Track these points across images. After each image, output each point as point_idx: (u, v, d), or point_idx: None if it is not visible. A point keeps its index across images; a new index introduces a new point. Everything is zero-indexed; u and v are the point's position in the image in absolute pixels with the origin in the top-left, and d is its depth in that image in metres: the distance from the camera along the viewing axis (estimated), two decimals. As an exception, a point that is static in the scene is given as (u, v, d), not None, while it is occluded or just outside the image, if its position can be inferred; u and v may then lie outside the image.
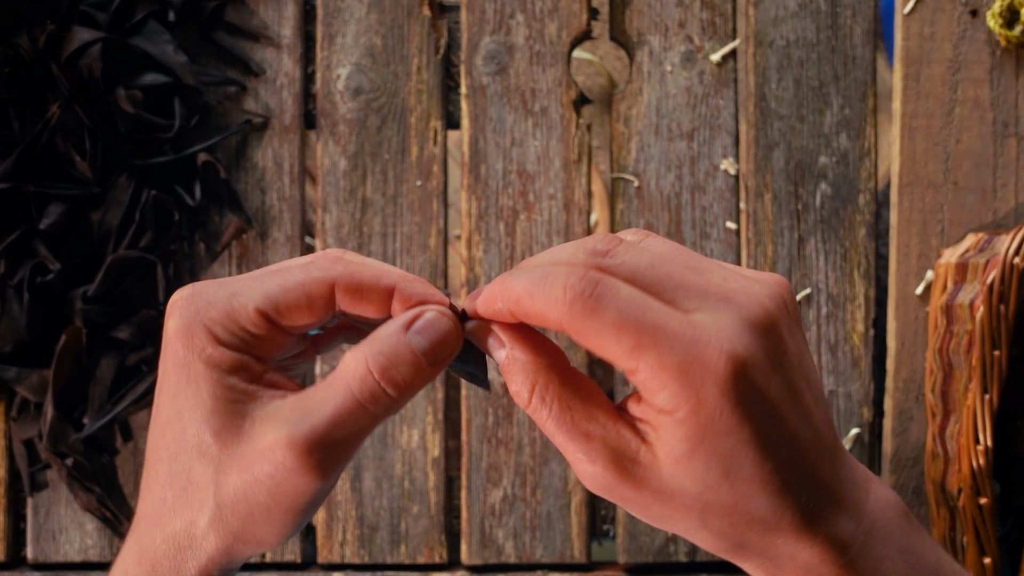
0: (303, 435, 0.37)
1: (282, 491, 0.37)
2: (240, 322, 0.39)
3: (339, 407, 0.37)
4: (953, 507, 0.78)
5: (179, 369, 0.38)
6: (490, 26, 0.86)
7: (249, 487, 0.37)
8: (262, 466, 0.37)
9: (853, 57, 0.85)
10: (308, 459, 0.37)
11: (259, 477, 0.37)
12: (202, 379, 0.38)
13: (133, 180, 0.82)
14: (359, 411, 0.37)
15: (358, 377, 0.38)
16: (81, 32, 0.79)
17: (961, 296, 0.78)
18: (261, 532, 0.38)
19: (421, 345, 0.38)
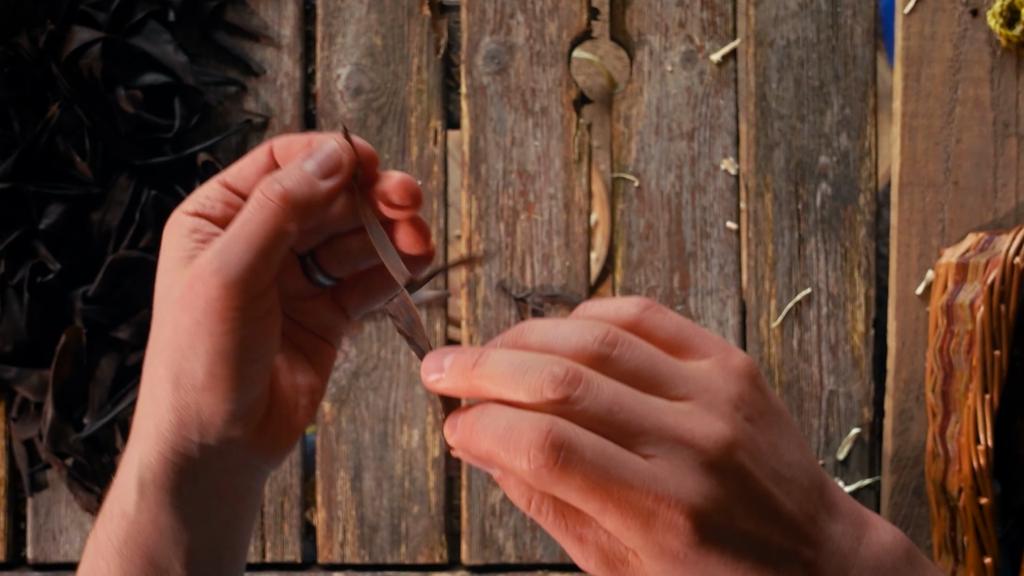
0: (208, 253, 0.40)
1: (198, 308, 0.40)
2: (204, 192, 0.44)
3: (239, 221, 0.41)
4: (954, 507, 0.78)
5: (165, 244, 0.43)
6: (490, 26, 0.86)
7: (177, 315, 0.40)
8: (186, 291, 0.40)
9: (853, 57, 0.85)
10: (210, 266, 0.40)
11: (184, 303, 0.40)
12: (169, 244, 0.42)
13: (133, 180, 0.82)
14: (252, 221, 0.40)
15: (253, 194, 0.41)
16: (81, 32, 0.79)
17: (962, 296, 0.78)
18: (191, 366, 0.40)
19: (310, 164, 0.42)
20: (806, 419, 0.86)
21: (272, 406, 0.44)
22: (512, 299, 0.86)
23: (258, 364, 0.41)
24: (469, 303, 0.86)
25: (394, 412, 0.86)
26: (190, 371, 0.40)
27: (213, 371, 0.40)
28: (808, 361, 0.86)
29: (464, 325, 0.87)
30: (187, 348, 0.40)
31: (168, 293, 0.41)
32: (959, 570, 0.78)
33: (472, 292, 0.86)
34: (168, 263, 0.42)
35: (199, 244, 0.41)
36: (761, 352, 0.86)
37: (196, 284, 0.40)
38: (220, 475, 0.44)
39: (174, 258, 0.41)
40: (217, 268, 0.40)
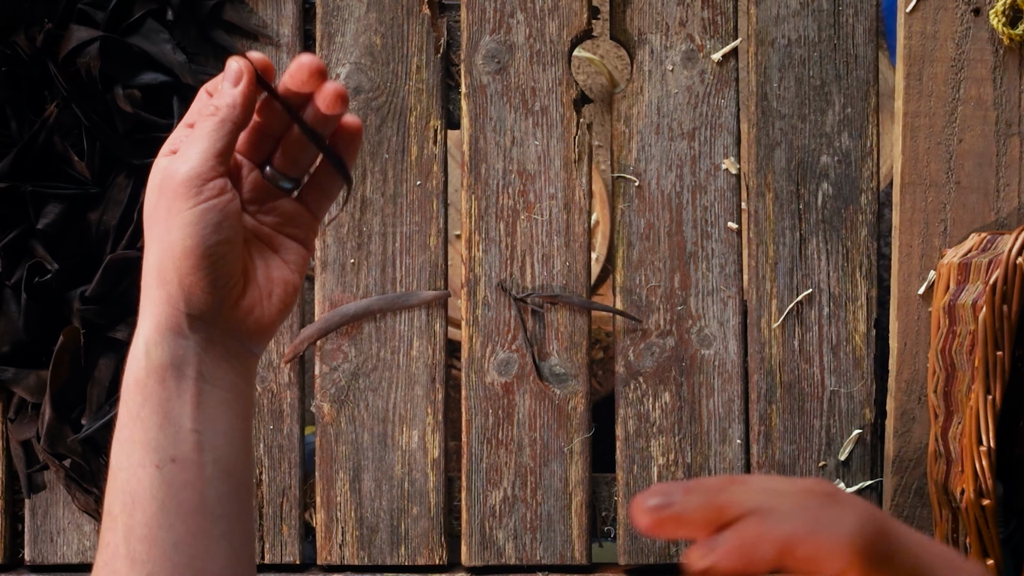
0: (174, 159, 0.50)
1: (166, 197, 0.50)
2: (173, 136, 0.53)
3: (190, 136, 0.51)
4: (956, 508, 0.78)
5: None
6: (490, 25, 0.86)
7: (156, 211, 0.50)
8: (157, 194, 0.50)
9: (855, 56, 0.85)
10: (173, 165, 0.50)
11: (158, 201, 0.50)
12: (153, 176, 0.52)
13: (131, 179, 0.82)
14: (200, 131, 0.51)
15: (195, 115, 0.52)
16: (79, 31, 0.79)
17: (964, 296, 0.77)
18: (172, 241, 0.49)
19: (224, 83, 0.53)
20: (807, 420, 0.86)
21: (247, 288, 0.52)
22: (512, 299, 0.86)
23: (223, 237, 0.50)
24: (469, 303, 0.86)
25: (393, 413, 0.86)
26: (168, 247, 0.49)
27: (186, 243, 0.49)
28: (809, 362, 0.86)
29: (464, 325, 0.86)
30: (164, 231, 0.49)
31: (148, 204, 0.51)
32: (961, 572, 0.78)
33: (472, 292, 0.86)
34: (150, 191, 0.51)
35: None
36: (762, 352, 0.86)
37: (166, 181, 0.50)
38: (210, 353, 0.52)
39: (155, 185, 0.50)
40: (178, 166, 0.50)
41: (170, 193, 0.49)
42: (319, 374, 0.87)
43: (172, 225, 0.49)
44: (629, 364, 0.86)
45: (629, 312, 0.86)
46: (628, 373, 0.86)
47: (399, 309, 0.86)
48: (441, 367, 0.86)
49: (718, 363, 0.86)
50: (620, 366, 0.86)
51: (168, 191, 0.49)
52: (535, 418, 0.86)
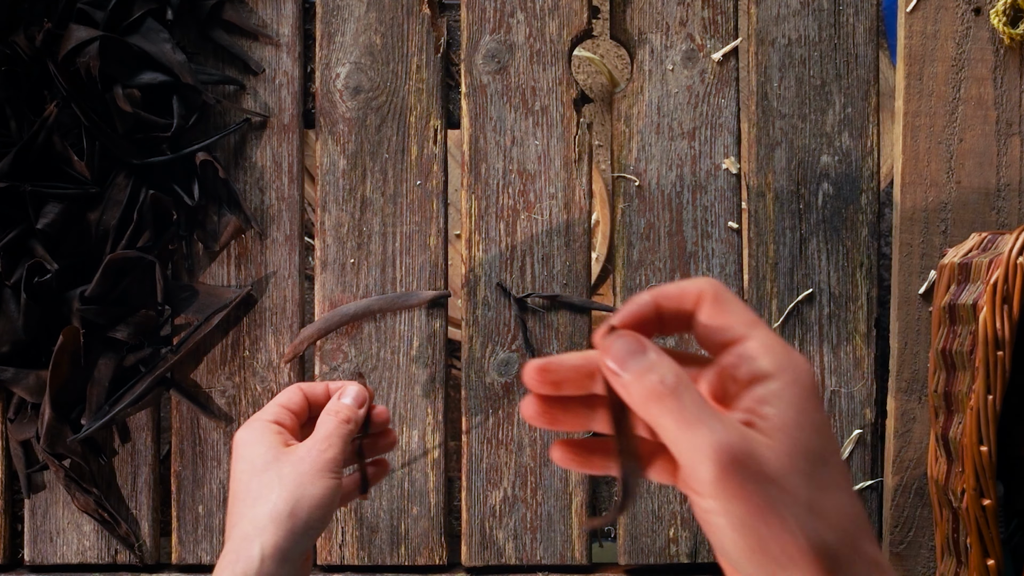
0: (317, 444, 0.66)
1: (314, 470, 0.64)
2: (274, 410, 0.68)
3: (327, 431, 0.66)
4: (956, 508, 0.77)
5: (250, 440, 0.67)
6: (490, 24, 0.86)
7: (299, 477, 0.64)
8: (302, 467, 0.65)
9: (855, 55, 0.85)
10: (320, 447, 0.66)
11: (300, 472, 0.64)
12: (262, 438, 0.66)
13: (131, 179, 0.82)
14: (337, 431, 0.67)
15: (328, 418, 0.67)
16: (79, 30, 0.79)
17: (964, 296, 0.77)
18: (312, 491, 0.64)
19: (347, 398, 0.68)
20: (808, 420, 0.86)
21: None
22: (512, 299, 0.86)
23: (333, 510, 0.65)
24: (469, 303, 0.86)
25: (393, 413, 0.86)
26: (306, 495, 0.64)
27: (321, 492, 0.64)
28: (809, 361, 0.86)
29: (464, 325, 0.86)
30: (307, 481, 0.64)
31: (273, 468, 0.64)
32: (962, 572, 0.78)
33: (472, 292, 0.86)
34: (269, 444, 0.65)
35: (286, 441, 0.66)
36: (762, 352, 0.85)
37: (314, 452, 0.65)
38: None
39: (272, 444, 0.65)
40: (325, 449, 0.65)
41: (316, 468, 0.64)
42: (319, 374, 0.87)
43: (308, 494, 0.64)
44: (629, 364, 0.86)
45: (629, 312, 0.86)
46: (628, 373, 0.86)
47: (399, 309, 0.86)
48: (441, 367, 0.86)
49: (718, 363, 0.86)
50: (620, 366, 0.86)
51: (314, 464, 0.64)
52: (535, 418, 0.86)
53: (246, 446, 0.66)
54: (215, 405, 0.86)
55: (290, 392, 0.69)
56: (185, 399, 0.85)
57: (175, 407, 0.86)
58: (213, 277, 0.86)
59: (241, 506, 0.65)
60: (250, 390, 0.86)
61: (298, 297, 0.87)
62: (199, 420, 0.86)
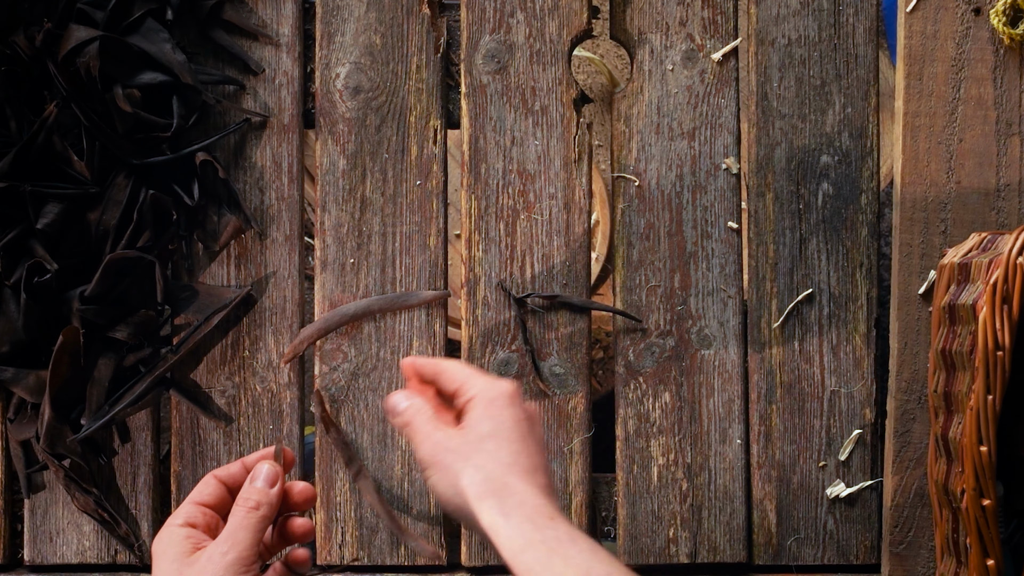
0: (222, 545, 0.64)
1: (214, 566, 0.63)
2: (184, 510, 0.67)
3: (237, 525, 0.65)
4: (956, 508, 0.77)
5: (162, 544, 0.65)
6: (490, 24, 0.86)
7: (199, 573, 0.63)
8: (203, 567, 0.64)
9: (855, 56, 0.85)
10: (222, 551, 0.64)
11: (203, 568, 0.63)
12: (169, 546, 0.64)
13: (131, 179, 0.82)
14: (247, 523, 0.65)
15: (238, 509, 0.65)
16: (78, 30, 0.79)
17: (964, 296, 0.77)
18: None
19: (260, 482, 0.66)
20: (808, 420, 0.86)
21: None
22: (512, 299, 0.86)
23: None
24: (469, 303, 0.86)
25: (393, 413, 0.86)
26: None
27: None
28: (810, 362, 0.86)
29: (464, 325, 0.86)
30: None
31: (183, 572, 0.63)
32: (962, 572, 0.78)
33: (472, 292, 0.86)
34: (173, 557, 0.63)
35: (195, 546, 0.64)
36: (762, 353, 0.85)
37: (215, 562, 0.63)
38: None
39: (177, 555, 0.63)
40: (227, 551, 0.63)
41: (223, 567, 0.63)
42: (319, 374, 0.87)
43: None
44: (629, 364, 0.86)
45: (629, 312, 0.86)
46: (628, 373, 0.86)
47: (399, 309, 0.86)
48: (441, 367, 0.86)
49: (718, 363, 0.86)
50: (620, 366, 0.86)
51: (219, 567, 0.63)
52: (535, 418, 0.86)
53: (157, 558, 0.64)
54: (215, 405, 0.86)
55: (203, 485, 0.67)
56: (185, 399, 0.85)
57: (175, 407, 0.86)
58: (213, 277, 0.86)
59: None
60: (250, 390, 0.86)
61: (298, 297, 0.87)
62: (199, 420, 0.86)
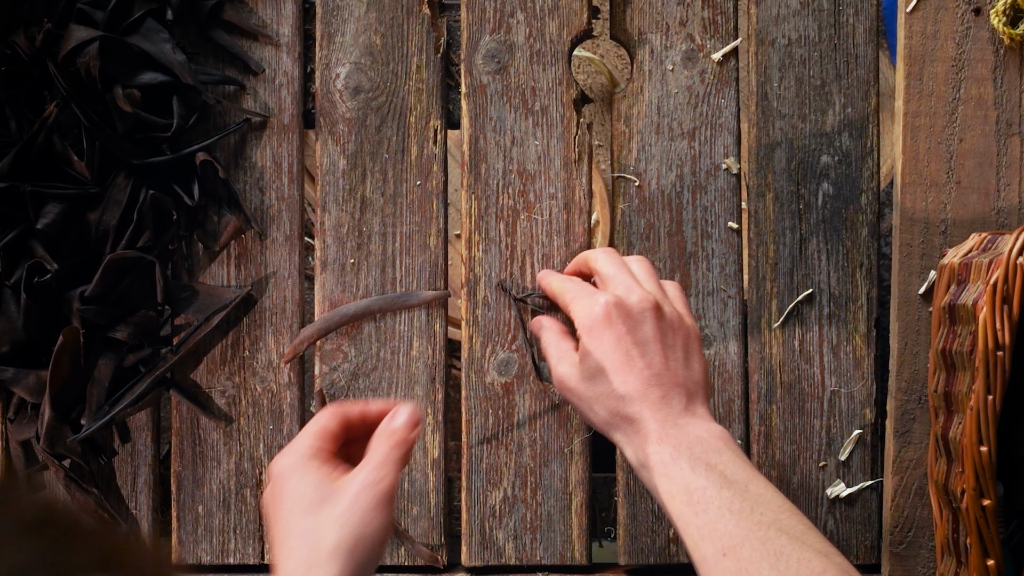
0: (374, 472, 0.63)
1: (375, 501, 0.61)
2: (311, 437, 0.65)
3: (383, 457, 0.64)
4: (956, 508, 0.77)
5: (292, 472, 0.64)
6: (490, 24, 0.86)
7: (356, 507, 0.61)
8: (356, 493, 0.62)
9: (855, 56, 0.85)
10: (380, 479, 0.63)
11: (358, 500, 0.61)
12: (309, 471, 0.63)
13: (131, 179, 0.82)
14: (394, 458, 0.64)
15: (384, 442, 0.64)
16: (78, 30, 0.79)
17: (964, 296, 0.77)
18: (371, 529, 0.60)
19: (402, 419, 0.65)
20: (808, 420, 0.86)
21: None
22: (512, 299, 0.86)
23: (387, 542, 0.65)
24: (469, 303, 0.86)
25: (393, 413, 0.86)
26: (367, 533, 0.61)
27: (383, 526, 0.61)
28: (810, 362, 0.86)
29: (464, 325, 0.86)
30: (367, 517, 0.61)
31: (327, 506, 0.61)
32: (962, 572, 0.78)
33: (472, 292, 0.86)
34: (313, 484, 0.62)
35: (330, 474, 0.62)
36: (763, 353, 0.85)
37: (370, 481, 0.62)
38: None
39: (319, 481, 0.62)
40: (381, 479, 0.62)
41: (378, 498, 0.61)
42: (319, 374, 0.87)
43: (375, 521, 0.61)
44: (629, 364, 0.86)
45: (629, 312, 0.86)
46: (628, 373, 0.86)
47: (399, 309, 0.86)
48: (441, 367, 0.86)
49: (718, 363, 0.86)
50: (620, 366, 0.86)
51: (376, 495, 0.61)
52: (535, 418, 0.86)
53: (289, 482, 0.61)
54: (215, 405, 0.86)
55: (325, 417, 0.65)
56: (185, 399, 0.85)
57: (175, 407, 0.86)
58: (213, 277, 0.86)
59: (292, 548, 0.59)
60: (250, 390, 0.86)
61: (298, 297, 0.87)
62: (199, 420, 0.86)
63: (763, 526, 0.62)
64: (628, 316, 0.68)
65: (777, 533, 0.61)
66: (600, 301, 0.69)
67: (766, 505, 0.63)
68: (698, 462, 0.65)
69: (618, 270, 0.73)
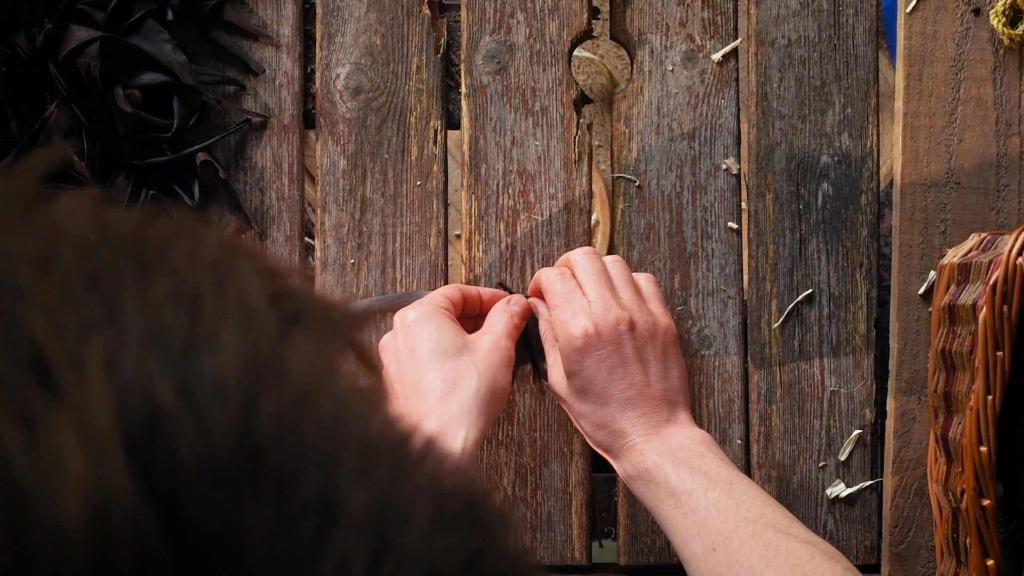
0: (499, 334, 0.73)
1: (501, 355, 0.71)
2: (444, 298, 0.75)
3: (506, 322, 0.74)
4: (956, 509, 0.77)
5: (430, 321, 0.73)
6: (490, 25, 0.86)
7: (491, 359, 0.70)
8: (490, 349, 0.71)
9: (855, 56, 0.85)
10: (505, 337, 0.73)
11: (490, 355, 0.70)
12: (442, 321, 0.71)
13: (132, 180, 0.82)
14: (514, 321, 0.75)
15: (503, 313, 0.76)
16: (79, 31, 0.79)
17: (964, 296, 0.77)
18: (503, 382, 0.71)
19: (515, 307, 0.76)
20: (807, 420, 0.86)
21: None
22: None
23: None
24: (469, 303, 0.86)
25: (394, 413, 0.86)
26: (498, 386, 0.70)
27: (507, 386, 0.72)
28: (809, 362, 0.86)
29: (464, 326, 0.86)
30: (499, 373, 0.70)
31: (466, 354, 0.69)
32: (961, 572, 0.78)
33: (472, 292, 0.86)
34: (452, 332, 0.70)
35: (460, 325, 0.72)
36: (762, 353, 0.86)
37: (499, 344, 0.72)
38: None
39: (457, 331, 0.71)
40: (507, 344, 0.72)
41: (503, 354, 0.71)
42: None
43: (502, 372, 0.70)
44: (629, 364, 0.86)
45: (629, 312, 0.86)
46: (628, 373, 0.86)
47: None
48: (441, 367, 0.86)
49: (718, 363, 0.86)
50: (620, 366, 0.86)
51: (501, 351, 0.71)
52: (535, 418, 0.86)
53: (426, 326, 0.66)
54: (215, 405, 0.86)
55: (451, 289, 0.73)
56: (185, 399, 0.85)
57: (175, 407, 0.86)
58: (213, 277, 0.86)
59: (431, 384, 0.64)
60: (250, 390, 0.86)
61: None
62: (199, 420, 0.86)
63: (750, 521, 0.64)
64: (606, 342, 0.72)
65: (764, 527, 0.64)
66: (579, 327, 0.71)
67: (751, 501, 0.66)
68: (682, 466, 0.68)
69: (596, 280, 0.75)
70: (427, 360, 0.65)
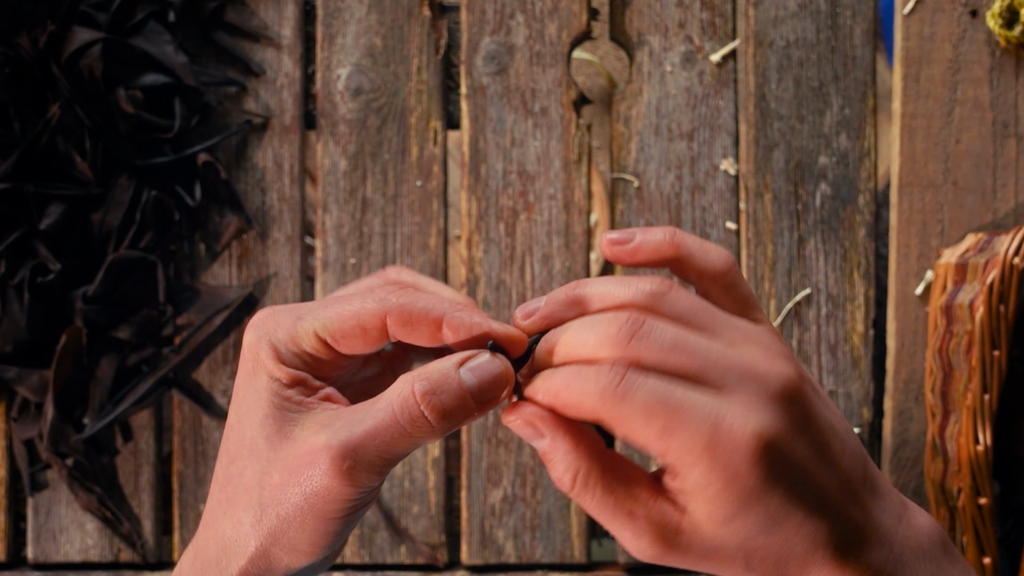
0: (339, 441, 0.39)
1: (314, 493, 0.40)
2: (301, 345, 0.42)
3: (378, 422, 0.40)
4: (953, 507, 0.78)
5: (246, 381, 0.42)
6: (490, 26, 0.86)
7: (287, 487, 0.40)
8: (300, 467, 0.40)
9: (853, 57, 0.85)
10: (340, 464, 0.39)
11: (296, 478, 0.40)
12: (263, 390, 0.41)
13: (133, 180, 0.82)
14: (396, 429, 0.40)
15: (401, 397, 0.40)
16: (81, 32, 0.79)
17: (961, 296, 0.78)
18: (296, 536, 0.40)
19: (470, 382, 0.41)
20: (805, 419, 0.86)
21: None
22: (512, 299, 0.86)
23: (353, 526, 0.42)
24: (469, 303, 0.86)
25: (394, 412, 0.86)
26: (292, 539, 0.41)
27: (315, 542, 0.41)
28: (807, 361, 0.86)
29: (464, 325, 0.87)
30: (293, 520, 0.41)
31: (270, 444, 0.41)
32: (958, 570, 0.78)
33: (472, 292, 0.86)
34: (268, 408, 0.42)
35: (305, 400, 0.42)
36: (760, 352, 0.86)
37: (315, 467, 0.40)
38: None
39: (278, 407, 0.41)
40: (348, 469, 0.39)
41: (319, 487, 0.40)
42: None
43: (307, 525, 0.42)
44: (628, 364, 0.86)
45: (628, 312, 0.86)
46: (627, 373, 0.86)
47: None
48: (441, 367, 0.87)
49: (717, 363, 0.86)
50: (619, 366, 0.86)
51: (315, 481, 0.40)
52: (535, 417, 0.86)
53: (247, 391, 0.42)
54: (217, 405, 0.87)
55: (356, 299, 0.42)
56: (187, 399, 0.86)
57: (177, 407, 0.87)
58: (215, 277, 0.87)
59: (219, 487, 0.43)
60: (251, 390, 0.87)
61: (299, 298, 0.87)
62: (201, 419, 0.87)
63: None
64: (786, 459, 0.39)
65: None
66: (739, 449, 0.38)
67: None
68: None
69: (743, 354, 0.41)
70: (227, 439, 0.43)
